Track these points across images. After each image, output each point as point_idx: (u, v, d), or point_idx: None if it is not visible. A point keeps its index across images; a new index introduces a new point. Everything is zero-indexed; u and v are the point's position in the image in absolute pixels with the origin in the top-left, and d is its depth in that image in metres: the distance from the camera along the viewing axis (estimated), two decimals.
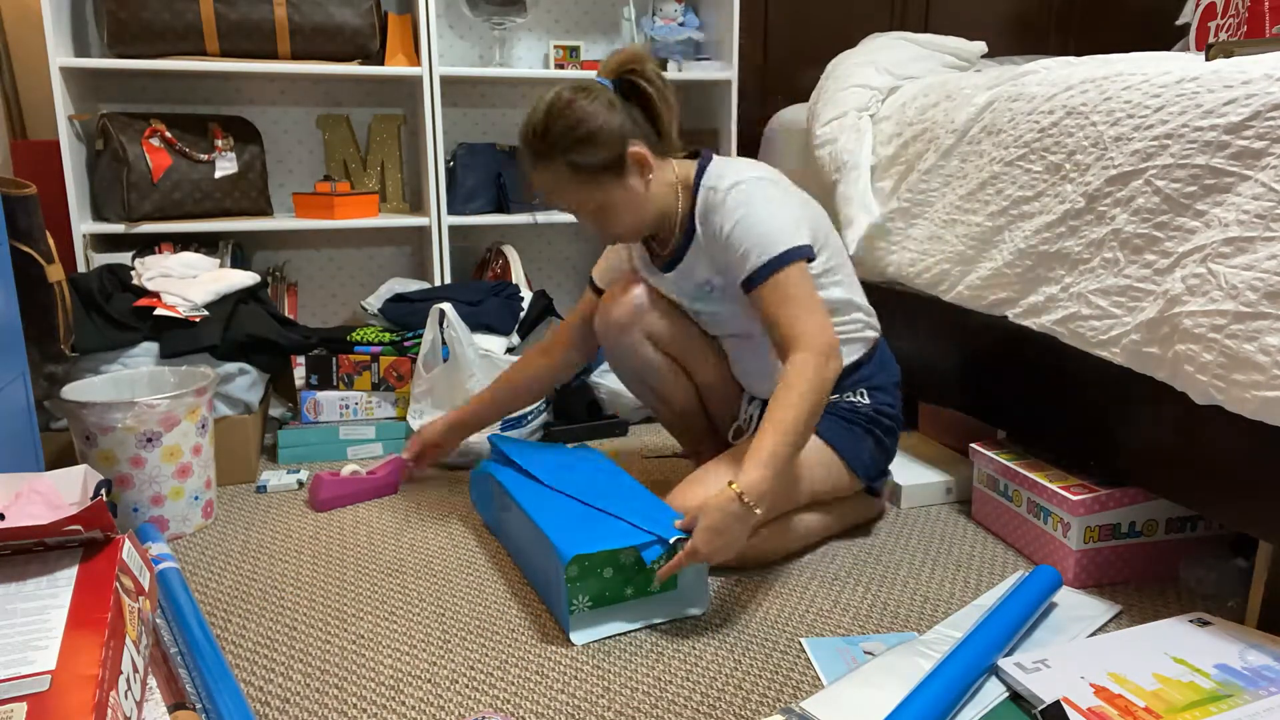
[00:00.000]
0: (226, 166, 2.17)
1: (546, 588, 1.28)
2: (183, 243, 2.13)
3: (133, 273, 1.80)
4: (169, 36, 2.03)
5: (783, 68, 2.73)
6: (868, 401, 1.46)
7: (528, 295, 2.16)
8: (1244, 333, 1.05)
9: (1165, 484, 1.24)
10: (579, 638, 1.19)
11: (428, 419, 1.87)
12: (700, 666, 1.14)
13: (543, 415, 1.96)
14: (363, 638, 1.20)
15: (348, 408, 1.89)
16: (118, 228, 2.07)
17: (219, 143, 2.16)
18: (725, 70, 2.42)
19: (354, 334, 1.93)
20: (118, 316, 1.66)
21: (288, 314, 2.31)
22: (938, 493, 1.65)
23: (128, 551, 1.02)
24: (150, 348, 1.66)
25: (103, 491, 1.08)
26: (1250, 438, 1.08)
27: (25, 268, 1.33)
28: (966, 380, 1.66)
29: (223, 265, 2.10)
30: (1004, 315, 1.49)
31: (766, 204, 1.32)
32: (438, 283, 2.31)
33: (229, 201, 2.19)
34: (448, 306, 1.85)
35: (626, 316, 1.49)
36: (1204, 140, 1.14)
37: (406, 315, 2.02)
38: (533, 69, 2.48)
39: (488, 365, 1.88)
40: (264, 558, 1.44)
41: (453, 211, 2.34)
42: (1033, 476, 1.40)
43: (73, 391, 1.48)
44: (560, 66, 2.44)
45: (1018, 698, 1.05)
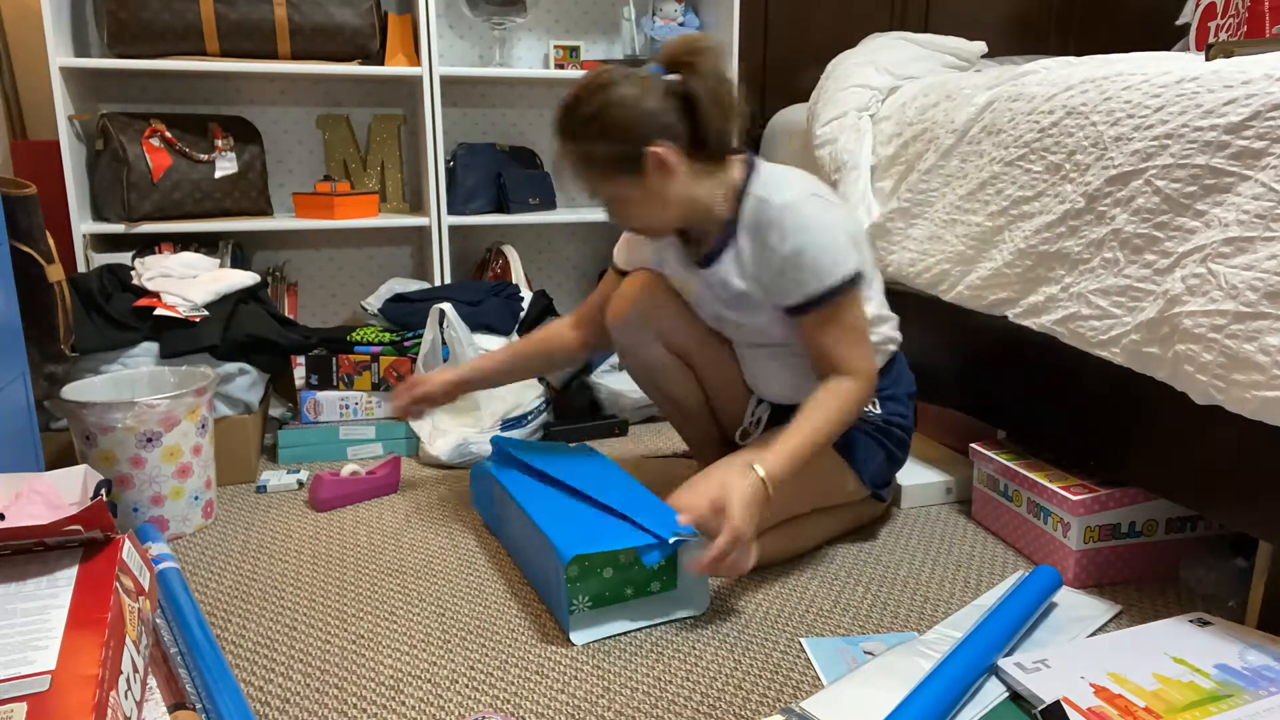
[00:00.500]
0: (226, 166, 2.17)
1: (546, 588, 1.28)
2: (183, 243, 2.13)
3: (133, 273, 1.80)
4: (169, 36, 2.03)
5: (783, 68, 2.73)
6: (879, 411, 1.45)
7: (528, 295, 2.16)
8: (1244, 333, 1.05)
9: (1165, 484, 1.24)
10: (579, 638, 1.19)
11: (428, 419, 1.87)
12: (700, 666, 1.14)
13: (543, 415, 1.97)
14: (363, 638, 1.20)
15: (348, 408, 1.89)
16: (118, 228, 2.07)
17: (219, 143, 2.16)
18: (725, 70, 2.42)
19: (354, 334, 1.93)
20: (118, 316, 1.66)
21: (288, 314, 2.31)
22: (938, 493, 1.65)
23: (128, 551, 1.02)
24: (150, 348, 1.66)
25: (103, 491, 1.08)
26: (1250, 438, 1.08)
27: (25, 268, 1.33)
28: (966, 380, 1.66)
29: (223, 265, 2.10)
30: (1004, 315, 1.49)
31: (822, 229, 1.26)
32: (438, 283, 2.31)
33: (229, 201, 2.19)
34: (448, 306, 1.85)
35: (639, 316, 1.47)
36: (1204, 140, 1.14)
37: (406, 315, 2.02)
38: (533, 69, 2.48)
39: None
40: (264, 558, 1.44)
41: (453, 211, 2.34)
42: (1033, 476, 1.40)
43: (73, 391, 1.48)
44: (560, 66, 2.44)
45: (1018, 698, 1.05)
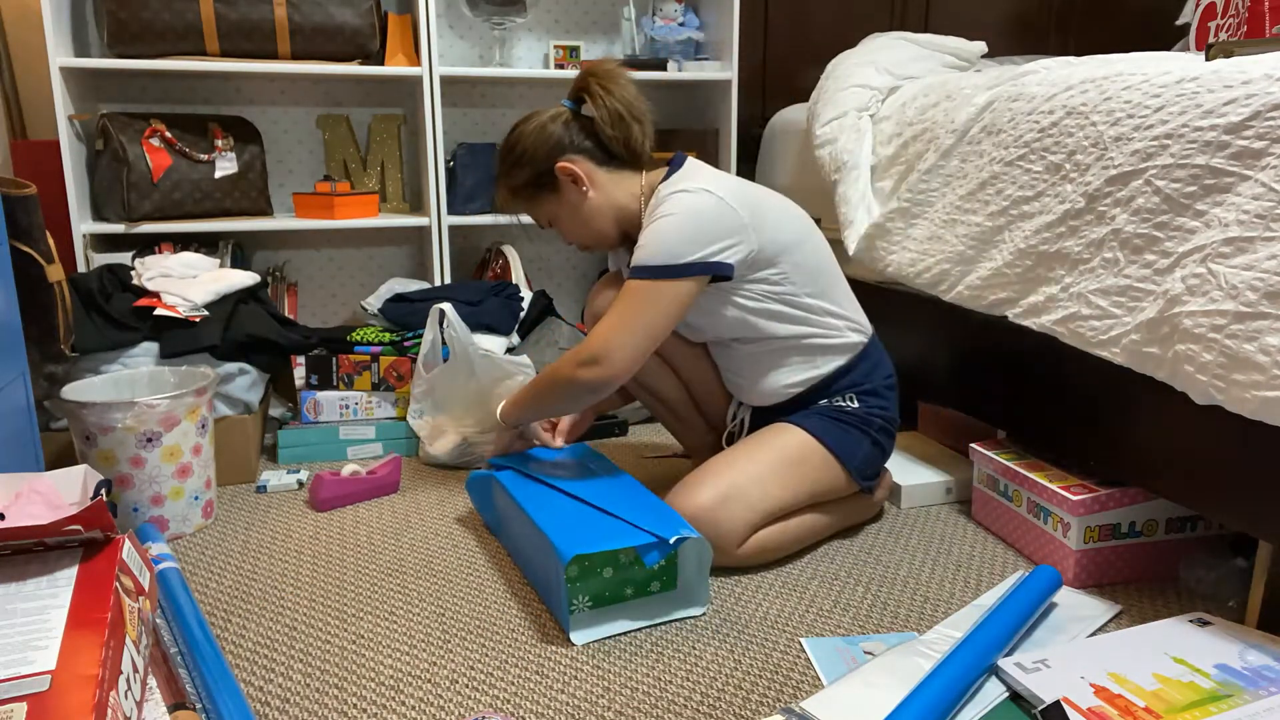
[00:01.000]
0: (226, 166, 2.17)
1: (546, 588, 1.28)
2: (183, 243, 2.13)
3: (133, 273, 1.80)
4: (169, 36, 2.03)
5: (783, 68, 2.73)
6: (856, 405, 1.47)
7: (528, 295, 2.16)
8: (1244, 333, 1.05)
9: (1165, 484, 1.24)
10: (579, 637, 1.19)
11: (428, 419, 1.87)
12: (700, 666, 1.14)
13: None
14: (363, 638, 1.20)
15: (348, 408, 1.89)
16: (118, 228, 2.07)
17: (219, 143, 2.16)
18: (725, 70, 2.42)
19: (354, 334, 1.93)
20: (118, 316, 1.66)
21: (288, 314, 2.31)
22: (938, 493, 1.65)
23: (128, 551, 1.02)
24: (150, 348, 1.66)
25: (103, 491, 1.08)
26: (1250, 438, 1.08)
27: (25, 268, 1.34)
28: (966, 380, 1.66)
29: (223, 265, 2.10)
30: (1004, 315, 1.49)
31: (686, 215, 1.33)
32: (438, 283, 2.31)
33: (229, 201, 2.19)
34: (448, 306, 1.85)
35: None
36: (1204, 140, 1.14)
37: (406, 315, 2.02)
38: (533, 69, 2.48)
39: (488, 365, 1.88)
40: (264, 558, 1.44)
41: (453, 211, 2.34)
42: (1033, 476, 1.40)
43: (73, 391, 1.48)
44: (560, 66, 2.44)
45: (1018, 698, 1.05)
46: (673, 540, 1.18)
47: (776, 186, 2.39)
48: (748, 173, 2.56)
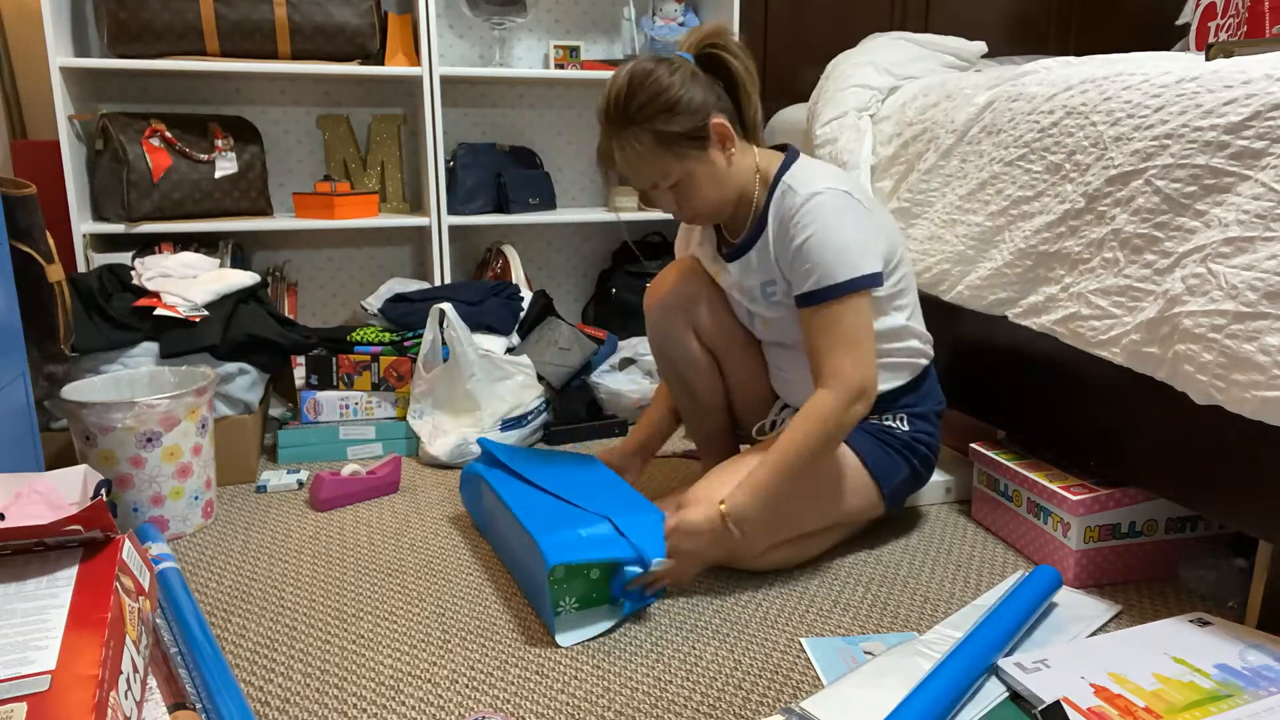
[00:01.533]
0: (226, 166, 2.17)
1: (533, 589, 1.28)
2: (183, 243, 2.13)
3: (133, 273, 1.80)
4: (169, 36, 2.03)
5: (783, 68, 2.73)
6: (906, 428, 1.43)
7: (528, 295, 2.16)
8: (1244, 333, 1.05)
9: (1165, 484, 1.24)
10: (565, 639, 1.19)
11: (428, 419, 1.87)
12: (700, 666, 1.14)
13: (543, 415, 1.96)
14: (363, 638, 1.20)
15: (348, 408, 1.89)
16: (118, 228, 2.07)
17: (219, 143, 2.16)
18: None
19: (354, 334, 1.93)
20: (118, 316, 1.66)
21: (288, 314, 2.31)
22: (938, 493, 1.65)
23: (128, 551, 1.02)
24: (150, 348, 1.66)
25: (103, 491, 1.08)
26: (1250, 438, 1.08)
27: (25, 268, 1.33)
28: (966, 380, 1.66)
29: (223, 265, 2.10)
30: (1004, 315, 1.49)
31: (841, 223, 1.27)
32: (438, 283, 2.31)
33: (229, 201, 2.19)
34: (448, 306, 1.85)
35: (676, 302, 1.47)
36: (1204, 140, 1.14)
37: (406, 315, 2.02)
38: (533, 69, 2.48)
39: (488, 365, 1.88)
40: (264, 558, 1.44)
41: (453, 211, 2.34)
42: (1033, 476, 1.40)
43: (73, 391, 1.48)
44: (560, 66, 2.44)
45: (1018, 698, 1.05)
46: (654, 564, 1.19)
47: None
48: None
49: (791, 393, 1.49)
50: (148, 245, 2.12)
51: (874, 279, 1.29)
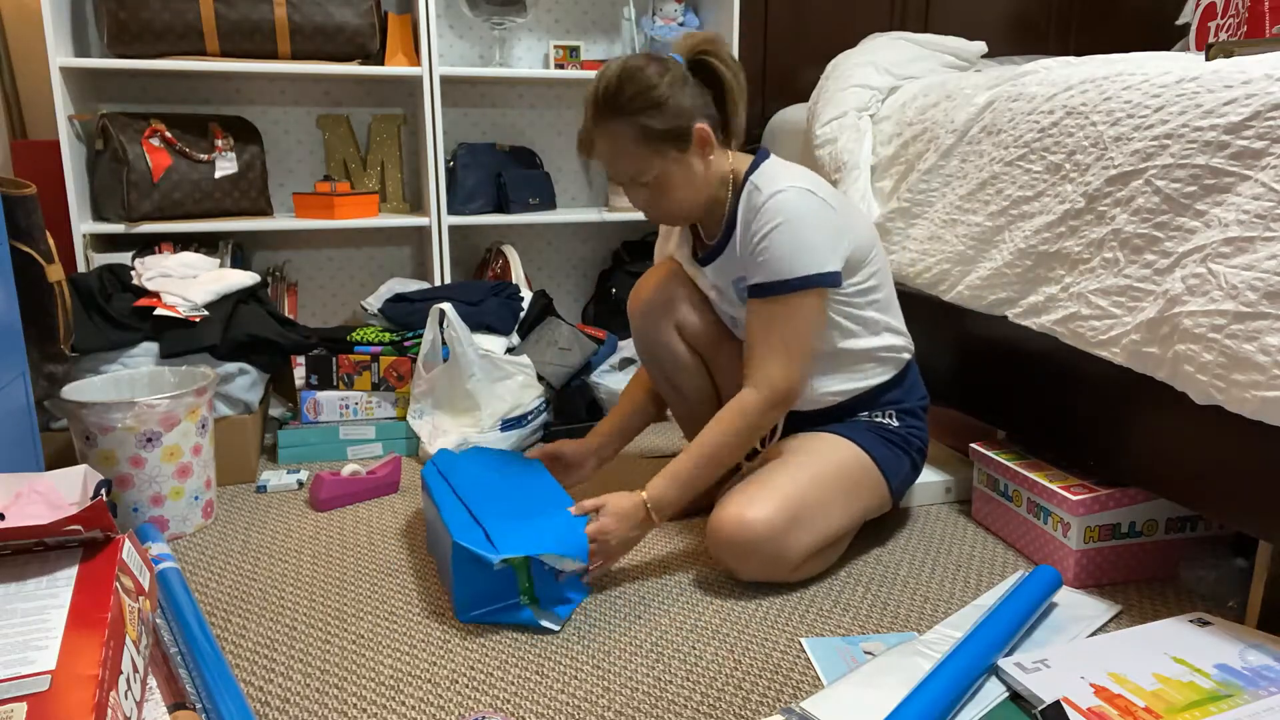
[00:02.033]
0: (226, 166, 2.17)
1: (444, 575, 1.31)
2: (183, 243, 2.13)
3: (133, 273, 1.80)
4: (169, 36, 2.03)
5: (783, 68, 2.73)
6: (897, 424, 1.45)
7: (528, 295, 2.16)
8: (1244, 333, 1.05)
9: (1165, 484, 1.24)
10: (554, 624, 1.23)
11: (428, 419, 1.87)
12: (700, 666, 1.14)
13: (543, 415, 1.97)
14: (363, 638, 1.20)
15: (348, 408, 1.89)
16: (118, 228, 2.07)
17: (219, 143, 2.16)
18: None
19: (354, 334, 1.93)
20: (118, 316, 1.66)
21: (288, 314, 2.31)
22: (938, 493, 1.65)
23: (128, 551, 1.02)
24: (150, 348, 1.66)
25: (103, 491, 1.08)
26: (1250, 438, 1.08)
27: (25, 268, 1.33)
28: (966, 380, 1.66)
29: (223, 265, 2.10)
30: (1004, 315, 1.49)
31: (801, 220, 1.28)
32: (438, 283, 2.31)
33: (229, 201, 2.19)
34: (448, 306, 1.85)
35: (660, 303, 1.48)
36: (1204, 140, 1.14)
37: (406, 315, 2.02)
38: (533, 69, 2.48)
39: (488, 365, 1.88)
40: (264, 558, 1.44)
41: (453, 211, 2.34)
42: (1033, 476, 1.40)
43: (73, 391, 1.48)
44: (560, 66, 2.44)
45: (1018, 698, 1.05)
46: (497, 563, 1.17)
47: None
48: None
49: None
50: (148, 245, 2.12)
51: (829, 278, 1.30)
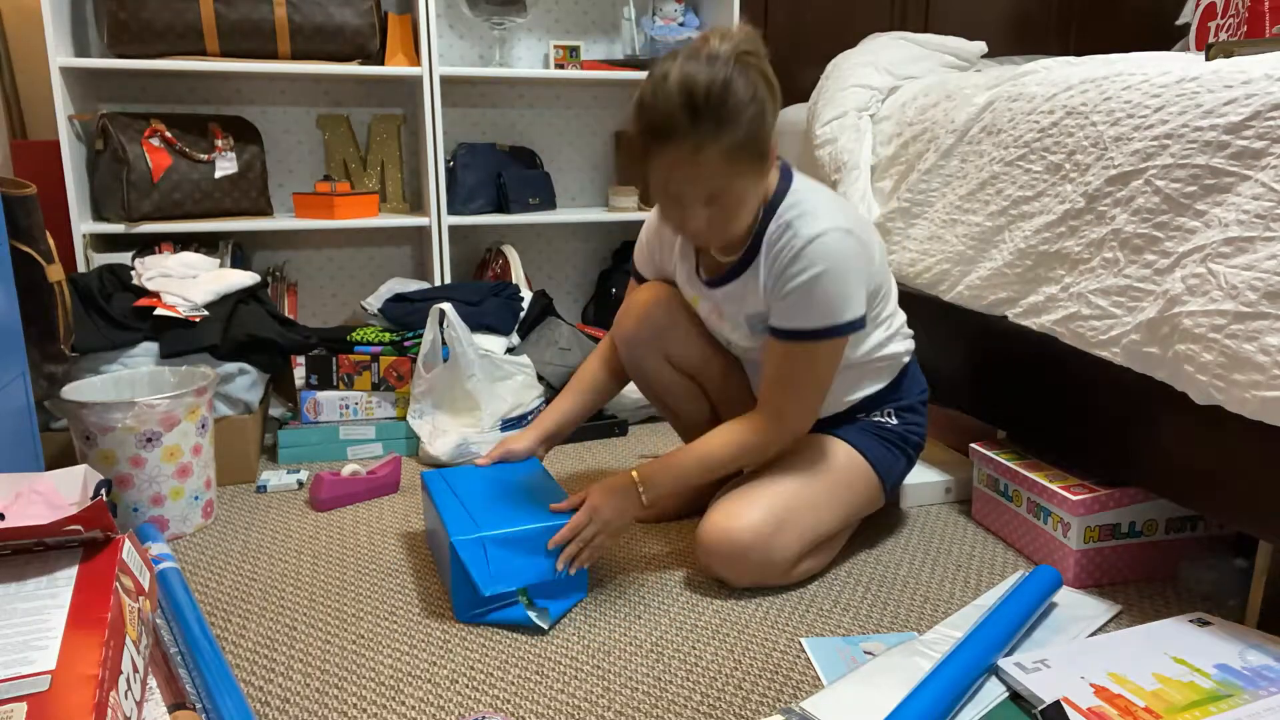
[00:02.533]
0: (226, 166, 2.17)
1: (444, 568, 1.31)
2: (183, 243, 2.13)
3: (133, 273, 1.80)
4: (169, 36, 2.03)
5: (783, 68, 2.72)
6: (895, 422, 1.44)
7: (528, 295, 2.16)
8: (1244, 332, 1.05)
9: (1165, 484, 1.24)
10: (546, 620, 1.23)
11: (428, 419, 1.87)
12: (700, 666, 1.14)
13: None
14: (363, 638, 1.20)
15: (348, 408, 1.89)
16: (118, 228, 2.07)
17: (219, 143, 2.16)
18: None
19: (354, 334, 1.93)
20: (118, 316, 1.66)
21: (288, 314, 2.31)
22: (938, 493, 1.65)
23: (128, 551, 1.02)
24: (150, 348, 1.66)
25: (103, 491, 1.08)
26: (1250, 438, 1.08)
27: (25, 268, 1.33)
28: (966, 380, 1.66)
29: (223, 265, 2.10)
30: (1004, 315, 1.49)
31: (842, 273, 1.22)
32: (438, 283, 2.31)
33: (229, 201, 2.19)
34: (448, 306, 1.85)
35: (645, 338, 1.44)
36: (1204, 140, 1.14)
37: (406, 315, 2.02)
38: (533, 69, 2.48)
39: (488, 365, 1.88)
40: (264, 558, 1.44)
41: (453, 211, 2.34)
42: (1033, 476, 1.40)
43: (73, 391, 1.48)
44: (560, 66, 2.44)
45: (1018, 698, 1.05)
46: (488, 594, 1.20)
47: None
48: None
49: None
50: (148, 245, 2.12)
51: (856, 325, 1.26)
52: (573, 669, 1.13)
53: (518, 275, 2.34)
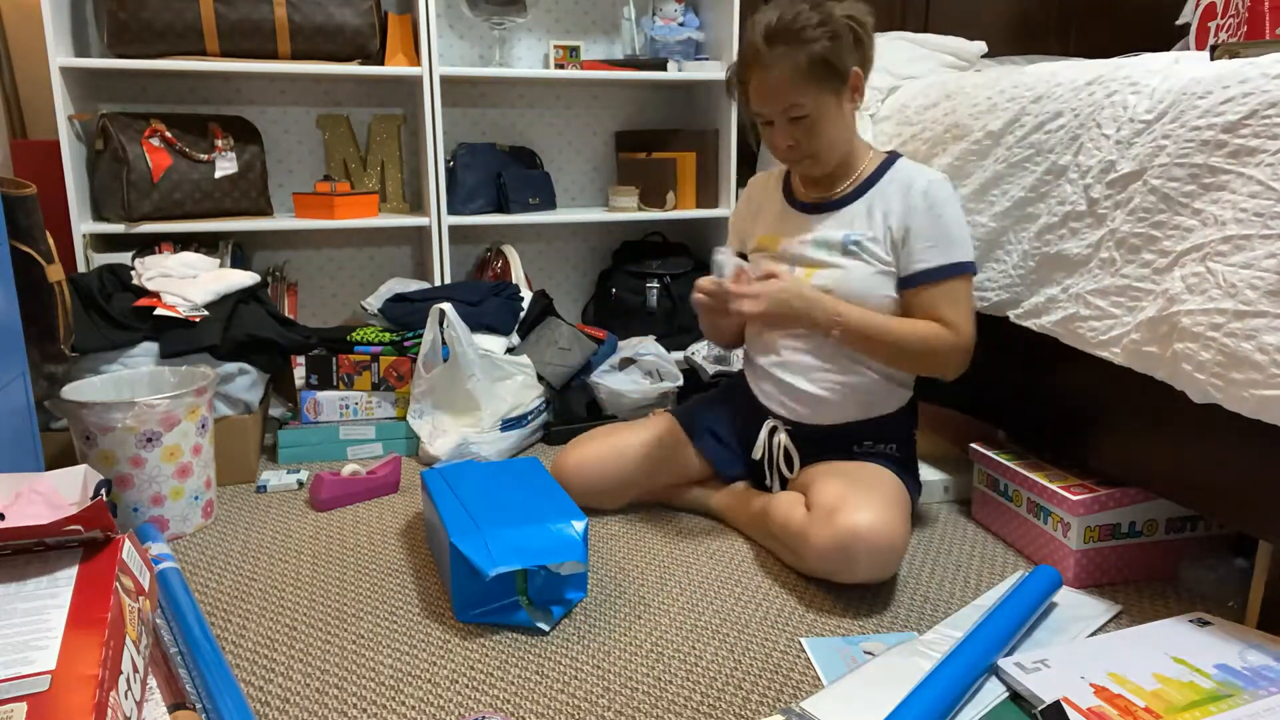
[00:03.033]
0: (226, 166, 2.17)
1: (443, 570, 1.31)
2: (183, 243, 2.13)
3: (133, 273, 1.80)
4: (169, 36, 2.03)
5: None
6: (899, 455, 1.48)
7: (528, 295, 2.16)
8: (1242, 331, 1.05)
9: (1165, 484, 1.24)
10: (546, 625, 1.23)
11: (428, 419, 1.87)
12: (700, 666, 1.14)
13: (543, 415, 1.97)
14: (363, 638, 1.21)
15: (348, 408, 1.89)
16: (118, 228, 2.07)
17: (219, 143, 2.16)
18: (725, 70, 2.42)
19: (354, 334, 1.93)
20: (118, 316, 1.66)
21: (288, 314, 2.30)
22: (937, 492, 1.65)
23: (128, 551, 1.02)
24: (150, 348, 1.66)
25: (103, 491, 1.08)
26: (1249, 437, 1.08)
27: (25, 268, 1.33)
28: (966, 380, 1.66)
29: (223, 265, 2.10)
30: (1005, 315, 1.49)
31: (960, 213, 1.44)
32: (438, 283, 2.31)
33: (229, 201, 2.19)
34: (448, 306, 1.85)
35: (603, 491, 1.57)
36: (1201, 139, 1.14)
37: (406, 315, 2.02)
38: (533, 69, 2.48)
39: (488, 365, 1.88)
40: (264, 558, 1.44)
41: (453, 211, 2.34)
42: (1033, 476, 1.40)
43: (73, 391, 1.48)
44: (560, 66, 2.44)
45: (1018, 698, 1.05)
46: (492, 574, 1.17)
47: None
48: (748, 173, 2.56)
49: (788, 397, 1.49)
50: (148, 245, 2.12)
51: (974, 268, 1.44)
52: (573, 669, 1.13)
53: (518, 275, 2.34)
